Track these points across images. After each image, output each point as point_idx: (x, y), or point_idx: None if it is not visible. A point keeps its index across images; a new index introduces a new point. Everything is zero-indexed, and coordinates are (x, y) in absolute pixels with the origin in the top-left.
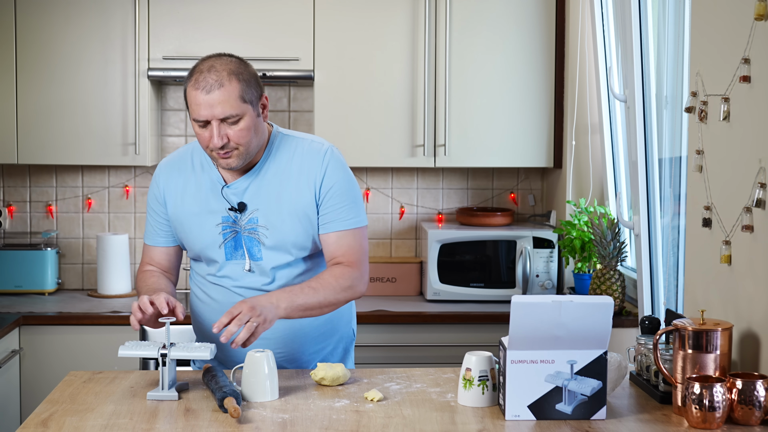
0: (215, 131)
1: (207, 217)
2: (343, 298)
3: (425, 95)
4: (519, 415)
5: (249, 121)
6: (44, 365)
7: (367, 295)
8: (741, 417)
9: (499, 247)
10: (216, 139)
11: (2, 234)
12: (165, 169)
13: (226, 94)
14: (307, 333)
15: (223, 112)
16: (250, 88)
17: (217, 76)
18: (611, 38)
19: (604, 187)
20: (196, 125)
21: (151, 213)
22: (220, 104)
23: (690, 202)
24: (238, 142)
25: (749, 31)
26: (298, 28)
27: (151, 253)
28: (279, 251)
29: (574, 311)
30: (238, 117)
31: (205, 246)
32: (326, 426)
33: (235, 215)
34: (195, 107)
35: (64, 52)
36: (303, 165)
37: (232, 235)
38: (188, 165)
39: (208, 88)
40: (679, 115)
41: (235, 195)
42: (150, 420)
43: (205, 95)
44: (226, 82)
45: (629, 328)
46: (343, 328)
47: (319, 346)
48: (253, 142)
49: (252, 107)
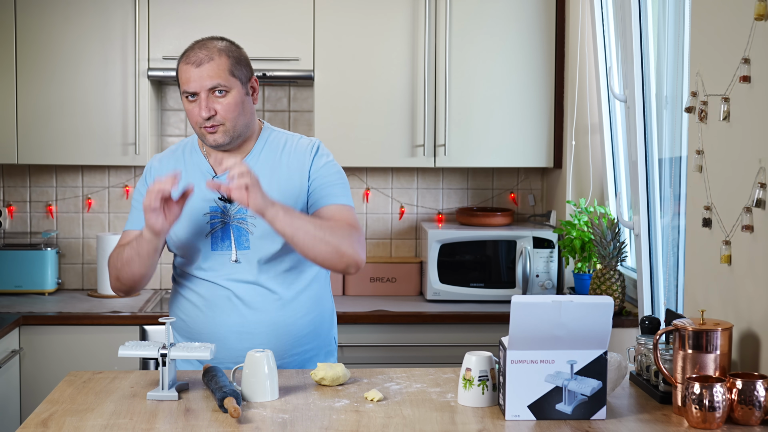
0: (203, 103)
1: (195, 205)
2: (335, 243)
3: (425, 95)
4: (519, 415)
5: (237, 96)
6: (44, 365)
7: (367, 295)
8: (741, 417)
9: (499, 247)
10: (203, 111)
11: (2, 234)
12: (156, 160)
13: (215, 66)
14: (290, 331)
15: (212, 82)
16: (239, 66)
17: (208, 51)
18: (611, 38)
19: (604, 187)
20: (186, 101)
21: (139, 200)
22: (209, 76)
23: (690, 202)
24: (225, 116)
25: (749, 31)
26: (298, 28)
27: (131, 236)
28: (267, 239)
29: (574, 311)
30: (226, 89)
31: (191, 235)
32: (326, 426)
33: (224, 205)
34: (185, 80)
35: (64, 52)
36: (292, 156)
37: (220, 225)
38: (179, 155)
39: (198, 61)
40: (679, 115)
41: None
42: (150, 420)
43: (195, 68)
44: (216, 56)
45: (629, 328)
46: (325, 333)
47: (302, 348)
48: (240, 120)
49: (241, 84)
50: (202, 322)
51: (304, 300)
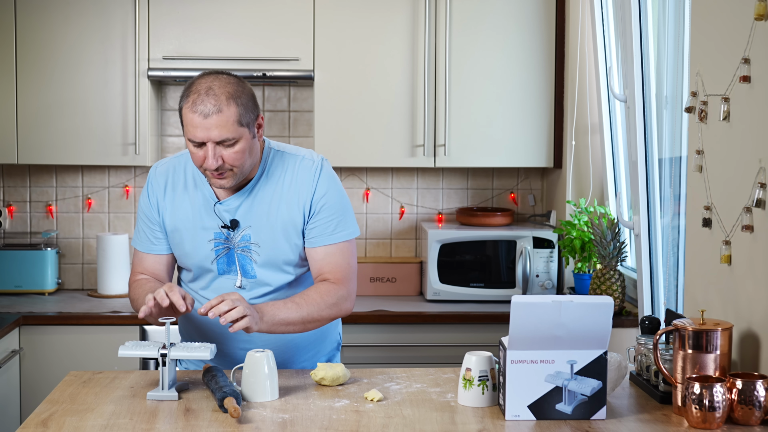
0: (210, 153)
1: (200, 232)
2: (328, 315)
3: (425, 95)
4: (519, 415)
5: (245, 144)
6: (44, 365)
7: (367, 295)
8: (741, 417)
9: (499, 247)
10: (211, 161)
11: (2, 234)
12: (159, 179)
13: (223, 119)
14: (297, 344)
15: (220, 136)
16: (247, 112)
17: (216, 100)
18: (611, 38)
19: (604, 187)
20: (191, 145)
21: (144, 219)
22: (217, 128)
23: (690, 202)
24: (233, 164)
25: (749, 31)
26: (298, 28)
27: (143, 261)
28: (271, 269)
29: (574, 311)
30: (234, 140)
31: (198, 260)
32: (326, 426)
33: (228, 232)
34: (191, 129)
35: (64, 52)
36: (294, 181)
37: (224, 251)
38: (181, 179)
39: (206, 112)
40: (679, 115)
41: (228, 212)
42: (150, 420)
43: (202, 119)
44: (224, 107)
45: (629, 328)
46: (329, 335)
47: (308, 354)
48: (247, 163)
49: (248, 130)
50: (209, 338)
51: None
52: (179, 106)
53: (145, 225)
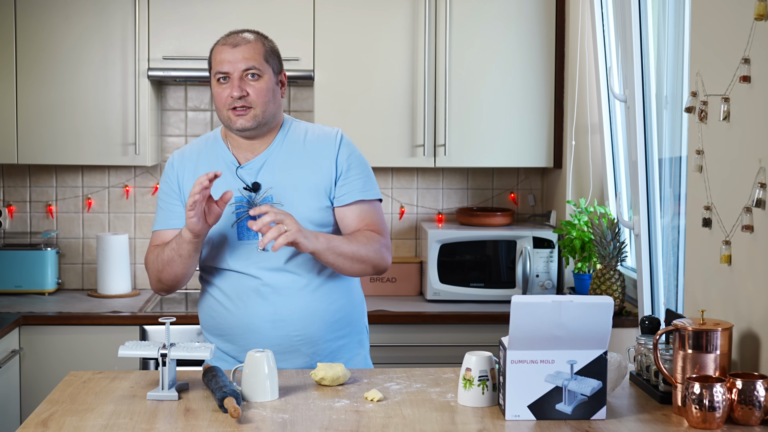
0: (236, 83)
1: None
2: (373, 259)
3: (425, 95)
4: (519, 415)
5: (269, 81)
6: (44, 365)
7: (367, 295)
8: (741, 417)
9: (499, 247)
10: (235, 90)
11: (2, 234)
12: (178, 156)
13: (251, 49)
14: (323, 316)
15: (246, 64)
16: (273, 55)
17: (245, 35)
18: (611, 38)
19: (604, 187)
20: (217, 83)
21: (164, 199)
22: (244, 57)
23: (690, 202)
24: (256, 100)
25: (749, 31)
26: (298, 28)
27: (161, 236)
28: None
29: (574, 311)
30: (259, 74)
31: (217, 226)
32: (326, 426)
33: (249, 195)
34: (219, 61)
35: (64, 52)
36: (316, 145)
37: (245, 215)
38: (202, 147)
39: (235, 43)
40: (679, 115)
41: (249, 175)
42: (150, 420)
43: (230, 48)
44: (252, 41)
45: (629, 328)
46: (356, 321)
47: (335, 334)
48: (270, 107)
49: (273, 72)
50: (234, 318)
51: (333, 286)
52: (209, 51)
53: (164, 203)
